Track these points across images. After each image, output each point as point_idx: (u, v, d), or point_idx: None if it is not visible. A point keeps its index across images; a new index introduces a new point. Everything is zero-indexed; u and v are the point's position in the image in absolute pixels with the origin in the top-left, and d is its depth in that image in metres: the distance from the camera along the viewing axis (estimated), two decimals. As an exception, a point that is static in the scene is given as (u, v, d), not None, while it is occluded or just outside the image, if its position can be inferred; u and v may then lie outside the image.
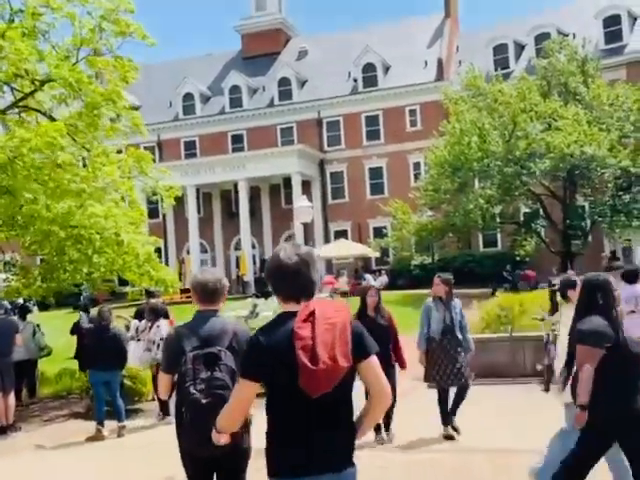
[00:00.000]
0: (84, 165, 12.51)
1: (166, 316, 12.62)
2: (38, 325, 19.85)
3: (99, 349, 8.91)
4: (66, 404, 11.47)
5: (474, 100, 28.69)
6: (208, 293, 4.05)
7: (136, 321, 15.44)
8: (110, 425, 9.13)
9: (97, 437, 8.76)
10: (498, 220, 29.96)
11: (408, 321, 22.18)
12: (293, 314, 2.74)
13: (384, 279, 34.02)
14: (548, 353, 10.37)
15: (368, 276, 32.39)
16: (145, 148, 46.35)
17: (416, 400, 9.71)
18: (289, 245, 2.93)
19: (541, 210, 29.84)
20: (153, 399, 10.73)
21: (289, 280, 2.82)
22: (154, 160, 14.73)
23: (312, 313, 2.71)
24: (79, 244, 12.10)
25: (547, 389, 10.15)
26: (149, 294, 12.25)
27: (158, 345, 9.67)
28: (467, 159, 27.01)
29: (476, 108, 27.93)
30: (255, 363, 2.74)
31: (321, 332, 2.66)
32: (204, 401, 3.63)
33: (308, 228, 14.77)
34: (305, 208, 14.44)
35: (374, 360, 2.81)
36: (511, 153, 27.01)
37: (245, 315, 23.36)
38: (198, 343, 3.83)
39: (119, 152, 13.87)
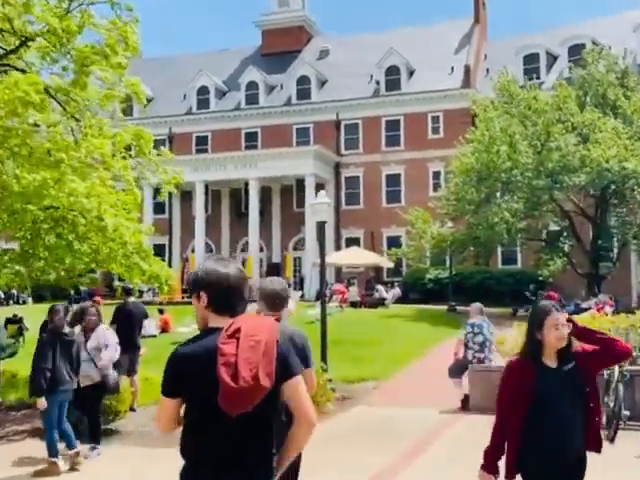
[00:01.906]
0: (75, 142, 10.77)
1: (145, 317, 11.02)
2: (20, 320, 18.12)
3: (57, 360, 7.06)
4: (29, 416, 9.64)
5: (506, 106, 26.86)
6: (275, 301, 4.31)
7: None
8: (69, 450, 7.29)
9: (50, 471, 6.90)
10: (521, 236, 28.00)
11: (427, 339, 20.43)
12: (219, 330, 2.67)
13: (397, 292, 32.21)
14: (615, 393, 8.52)
15: (380, 287, 30.56)
16: (155, 141, 44.99)
17: None
18: (225, 260, 2.87)
19: (569, 228, 27.95)
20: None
21: (233, 293, 2.76)
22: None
23: (239, 329, 2.64)
24: (60, 227, 10.36)
25: (613, 439, 8.28)
26: (127, 292, 10.52)
27: (116, 349, 8.00)
28: (495, 168, 25.19)
29: (508, 115, 26.09)
30: (174, 378, 2.68)
31: (245, 349, 2.58)
32: None
33: (322, 240, 13.17)
34: (323, 205, 12.62)
35: (299, 381, 2.74)
36: (542, 165, 25.17)
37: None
38: None
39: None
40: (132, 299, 10.79)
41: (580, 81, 27.65)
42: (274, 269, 36.42)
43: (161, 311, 22.33)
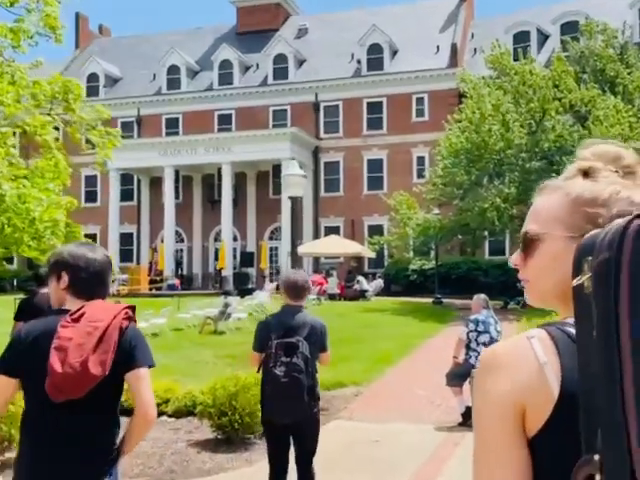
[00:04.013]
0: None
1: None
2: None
3: None
4: None
5: (498, 81, 24.82)
6: (297, 291, 4.79)
7: None
8: None
9: None
10: (514, 223, 25.97)
11: (413, 335, 18.43)
12: (67, 312, 2.66)
13: (379, 283, 30.19)
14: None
15: (361, 279, 28.47)
16: (123, 124, 42.49)
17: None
18: (92, 245, 2.87)
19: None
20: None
21: (96, 279, 2.72)
22: (129, 136, 10.74)
23: (83, 314, 2.62)
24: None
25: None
26: (39, 281, 7.96)
27: None
28: (486, 149, 23.17)
29: (501, 90, 24.04)
30: (11, 358, 2.65)
31: (80, 335, 2.55)
32: (283, 381, 4.46)
33: (296, 221, 11.13)
34: (296, 177, 10.45)
35: (141, 373, 2.64)
36: (537, 146, 23.20)
37: (214, 316, 19.40)
38: (282, 332, 4.60)
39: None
40: (46, 290, 8.26)
41: (577, 56, 25.68)
42: (248, 259, 34.24)
43: (117, 304, 20.03)
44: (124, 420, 2.79)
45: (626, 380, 0.87)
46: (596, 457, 0.91)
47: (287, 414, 4.53)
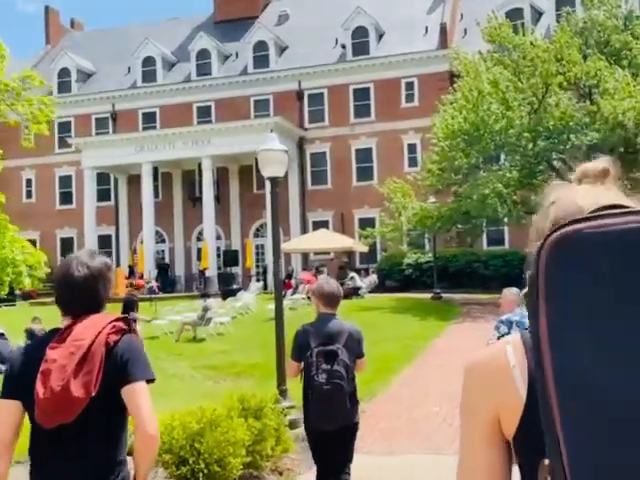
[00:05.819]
0: None
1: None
2: None
3: None
4: None
5: (496, 56, 22.95)
6: (332, 300, 4.93)
7: None
8: None
9: None
10: (517, 209, 24.13)
11: (416, 336, 16.56)
12: (59, 331, 2.54)
13: (373, 279, 28.30)
14: None
15: (354, 275, 26.54)
16: (97, 120, 40.13)
17: None
18: (84, 254, 2.64)
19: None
20: None
21: (71, 293, 2.53)
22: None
23: (70, 332, 2.47)
24: None
25: None
26: None
27: None
28: (486, 129, 21.31)
29: (500, 65, 22.17)
30: (8, 380, 2.50)
31: (63, 355, 2.40)
32: (325, 387, 4.57)
33: (277, 208, 9.48)
34: (276, 153, 8.50)
35: (137, 388, 2.40)
36: (541, 124, 21.38)
37: (192, 321, 17.45)
38: (321, 340, 4.72)
39: None
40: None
41: (578, 27, 23.80)
42: (232, 258, 32.24)
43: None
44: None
45: (551, 394, 0.88)
46: (546, 462, 0.94)
47: (332, 421, 4.63)
